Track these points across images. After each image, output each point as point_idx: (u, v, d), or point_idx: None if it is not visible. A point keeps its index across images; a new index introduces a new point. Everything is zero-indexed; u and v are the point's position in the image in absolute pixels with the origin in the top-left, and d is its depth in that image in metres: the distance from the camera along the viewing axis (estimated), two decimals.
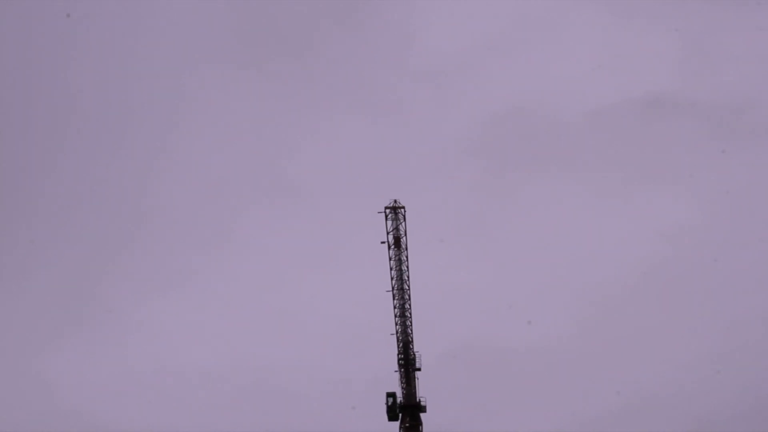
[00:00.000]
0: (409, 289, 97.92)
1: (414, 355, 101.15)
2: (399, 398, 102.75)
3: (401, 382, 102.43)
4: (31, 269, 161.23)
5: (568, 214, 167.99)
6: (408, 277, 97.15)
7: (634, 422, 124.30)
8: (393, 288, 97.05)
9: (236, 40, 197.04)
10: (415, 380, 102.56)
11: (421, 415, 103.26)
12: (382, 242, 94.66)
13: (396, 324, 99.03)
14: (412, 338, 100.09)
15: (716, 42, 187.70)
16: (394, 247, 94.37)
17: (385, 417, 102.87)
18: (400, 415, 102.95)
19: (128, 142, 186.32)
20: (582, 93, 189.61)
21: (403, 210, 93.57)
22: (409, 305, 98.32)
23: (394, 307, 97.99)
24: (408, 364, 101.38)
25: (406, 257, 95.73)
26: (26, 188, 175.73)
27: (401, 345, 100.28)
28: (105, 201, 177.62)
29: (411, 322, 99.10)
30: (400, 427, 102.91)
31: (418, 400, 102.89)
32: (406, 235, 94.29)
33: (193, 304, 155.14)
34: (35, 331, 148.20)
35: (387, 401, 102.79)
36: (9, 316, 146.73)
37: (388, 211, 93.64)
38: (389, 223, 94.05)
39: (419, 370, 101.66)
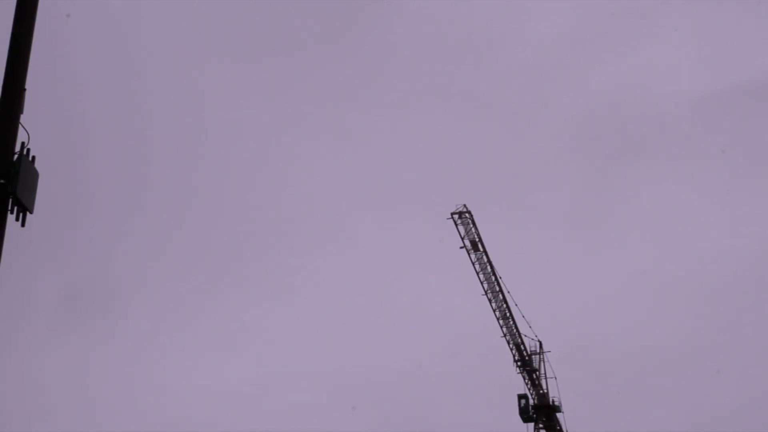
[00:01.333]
0: (508, 292, 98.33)
1: (530, 356, 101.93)
2: (531, 400, 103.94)
3: (525, 384, 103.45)
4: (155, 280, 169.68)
5: (671, 207, 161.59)
6: (499, 279, 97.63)
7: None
8: (486, 291, 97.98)
9: (321, 36, 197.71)
10: (540, 380, 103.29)
11: (557, 415, 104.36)
12: (461, 247, 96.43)
13: (501, 327, 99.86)
14: (522, 340, 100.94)
15: None
16: (473, 251, 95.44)
17: (518, 418, 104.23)
18: (534, 416, 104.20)
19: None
20: (683, 81, 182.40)
21: (468, 215, 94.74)
22: (508, 307, 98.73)
23: (494, 310, 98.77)
24: (526, 366, 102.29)
25: (488, 260, 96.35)
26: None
27: (513, 347, 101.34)
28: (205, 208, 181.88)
29: (516, 324, 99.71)
30: (536, 429, 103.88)
31: (551, 400, 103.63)
32: (480, 239, 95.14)
33: (303, 310, 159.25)
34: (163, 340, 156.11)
35: (519, 403, 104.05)
36: (136, 324, 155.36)
37: (456, 216, 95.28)
38: (460, 228, 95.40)
39: (537, 371, 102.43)
